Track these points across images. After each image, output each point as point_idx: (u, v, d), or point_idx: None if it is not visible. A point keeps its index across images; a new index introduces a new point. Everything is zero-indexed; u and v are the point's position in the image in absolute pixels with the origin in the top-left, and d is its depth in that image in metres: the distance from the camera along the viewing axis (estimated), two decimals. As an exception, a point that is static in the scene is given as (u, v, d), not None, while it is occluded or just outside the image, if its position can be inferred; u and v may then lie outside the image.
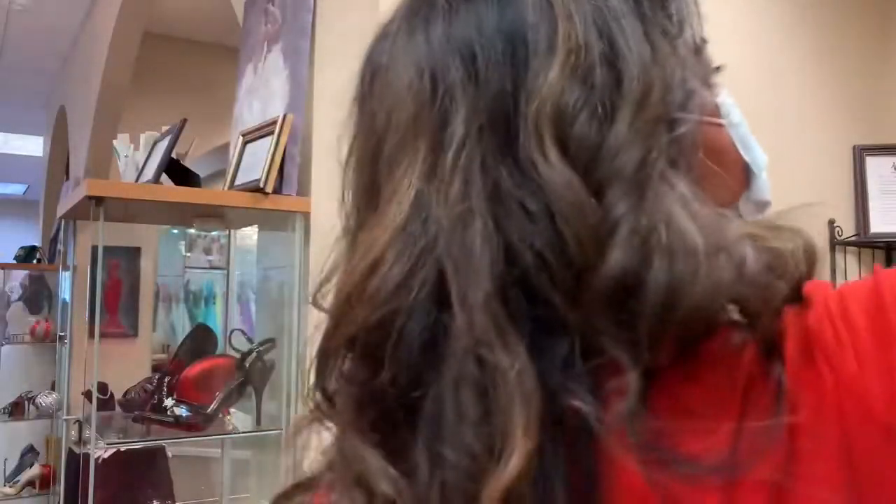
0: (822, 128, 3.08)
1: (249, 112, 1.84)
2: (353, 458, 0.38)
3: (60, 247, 3.91)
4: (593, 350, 0.35)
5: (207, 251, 5.33)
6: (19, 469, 4.04)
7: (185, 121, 1.73)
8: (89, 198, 1.42)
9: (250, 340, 1.76)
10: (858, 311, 0.34)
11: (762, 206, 0.50)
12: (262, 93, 1.78)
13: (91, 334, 1.45)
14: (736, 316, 0.35)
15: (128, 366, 4.07)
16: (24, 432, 4.20)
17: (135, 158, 1.87)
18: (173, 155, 1.71)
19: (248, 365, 1.67)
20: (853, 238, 3.06)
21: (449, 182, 0.38)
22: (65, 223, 2.19)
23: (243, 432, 1.74)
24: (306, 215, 1.61)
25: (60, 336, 3.50)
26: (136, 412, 1.69)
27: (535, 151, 0.36)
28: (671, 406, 0.35)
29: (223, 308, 4.83)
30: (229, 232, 2.12)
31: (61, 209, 1.81)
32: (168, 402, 1.63)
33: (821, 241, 3.21)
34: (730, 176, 0.47)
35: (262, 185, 1.54)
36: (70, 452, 2.49)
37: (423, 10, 0.42)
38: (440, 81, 0.39)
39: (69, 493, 2.26)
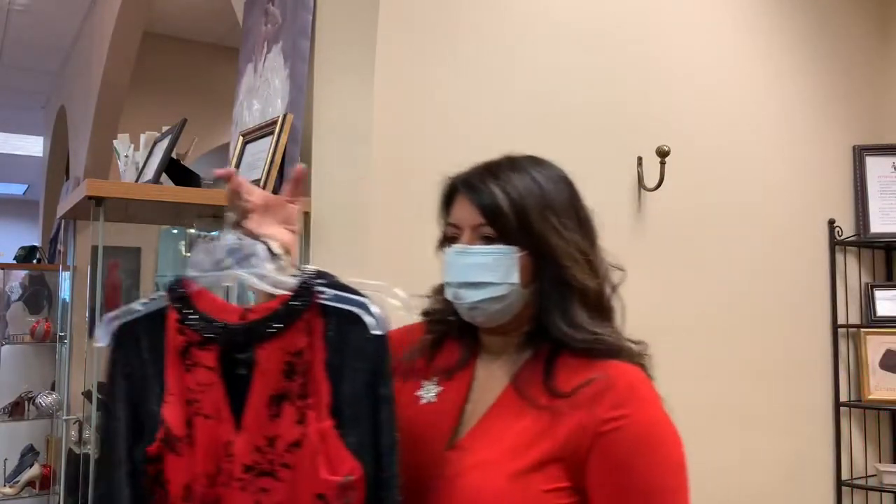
0: (822, 128, 3.08)
1: (249, 112, 1.84)
2: None
3: (60, 247, 3.91)
4: None
5: (207, 251, 5.31)
6: (19, 469, 4.03)
7: (185, 121, 1.73)
8: (89, 198, 1.42)
9: (250, 340, 1.76)
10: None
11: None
12: (262, 93, 1.78)
13: (91, 334, 1.45)
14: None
15: (128, 366, 4.07)
16: (24, 432, 4.20)
17: (135, 158, 1.87)
18: (173, 155, 1.71)
19: (248, 365, 1.67)
20: (853, 238, 3.06)
21: None
22: (65, 223, 2.19)
23: (243, 432, 1.73)
24: (306, 215, 1.61)
25: (60, 336, 3.50)
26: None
27: None
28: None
29: (223, 308, 4.81)
30: (229, 232, 2.11)
31: (61, 209, 1.81)
32: (168, 402, 1.62)
33: (821, 240, 3.20)
34: None
35: (262, 185, 1.54)
36: (70, 452, 2.49)
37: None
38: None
39: (69, 493, 2.26)
